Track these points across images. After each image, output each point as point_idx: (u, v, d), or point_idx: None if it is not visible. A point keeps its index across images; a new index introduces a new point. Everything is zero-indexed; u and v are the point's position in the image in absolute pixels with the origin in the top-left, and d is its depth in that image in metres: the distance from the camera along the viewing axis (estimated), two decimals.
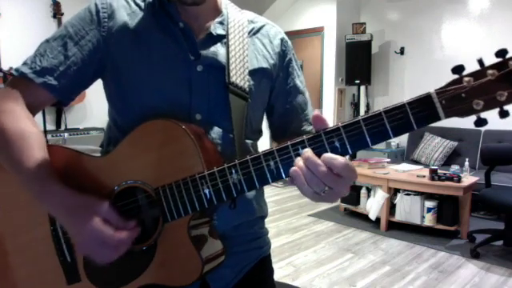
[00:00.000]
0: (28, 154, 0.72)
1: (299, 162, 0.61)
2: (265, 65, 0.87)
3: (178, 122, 0.72)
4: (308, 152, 0.60)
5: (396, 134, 0.58)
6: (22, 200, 0.78)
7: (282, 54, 0.91)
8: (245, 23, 0.88)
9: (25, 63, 0.79)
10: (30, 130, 0.74)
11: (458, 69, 0.53)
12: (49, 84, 0.77)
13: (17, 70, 0.78)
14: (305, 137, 0.62)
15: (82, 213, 0.68)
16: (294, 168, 0.61)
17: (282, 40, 0.92)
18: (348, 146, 0.60)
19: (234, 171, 0.66)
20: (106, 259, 0.69)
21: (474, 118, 0.54)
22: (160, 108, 0.78)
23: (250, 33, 0.88)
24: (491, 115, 0.53)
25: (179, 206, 0.70)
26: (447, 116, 0.54)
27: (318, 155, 0.61)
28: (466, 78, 0.52)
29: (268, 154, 0.64)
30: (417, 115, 0.55)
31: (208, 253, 0.75)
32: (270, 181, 0.65)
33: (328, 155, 0.59)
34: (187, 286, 0.73)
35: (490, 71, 0.50)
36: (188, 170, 0.70)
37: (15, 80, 0.78)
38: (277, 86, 0.91)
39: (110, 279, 0.76)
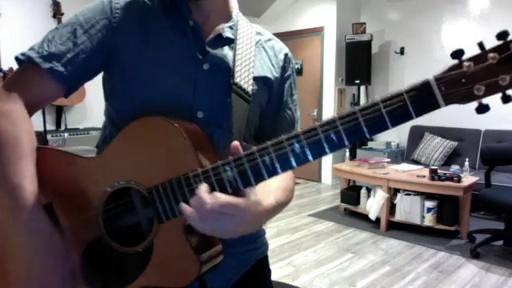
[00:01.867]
0: (18, 166, 0.70)
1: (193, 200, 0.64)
2: (269, 75, 0.88)
3: (170, 119, 0.70)
4: (200, 188, 0.63)
5: (394, 124, 0.56)
6: None
7: (284, 69, 0.91)
8: (253, 33, 0.89)
9: (32, 48, 0.76)
10: (24, 136, 0.72)
11: (458, 53, 0.51)
12: (55, 70, 0.75)
13: (23, 53, 0.76)
14: (300, 130, 0.61)
15: (52, 255, 0.69)
16: (183, 205, 0.64)
17: (285, 55, 0.92)
18: (344, 138, 0.58)
19: (228, 168, 0.64)
20: None
21: (475, 105, 0.52)
22: (162, 103, 0.77)
23: (257, 43, 0.89)
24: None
25: (173, 206, 0.68)
26: (447, 103, 0.52)
27: (313, 149, 0.59)
28: (466, 63, 0.50)
29: (262, 150, 0.62)
30: (415, 103, 0.53)
31: (206, 253, 0.73)
32: (267, 177, 0.63)
33: (214, 194, 0.62)
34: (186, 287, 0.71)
35: (490, 55, 0.48)
36: (181, 169, 0.68)
37: (20, 70, 0.76)
38: (272, 98, 0.90)
39: (107, 283, 0.75)
